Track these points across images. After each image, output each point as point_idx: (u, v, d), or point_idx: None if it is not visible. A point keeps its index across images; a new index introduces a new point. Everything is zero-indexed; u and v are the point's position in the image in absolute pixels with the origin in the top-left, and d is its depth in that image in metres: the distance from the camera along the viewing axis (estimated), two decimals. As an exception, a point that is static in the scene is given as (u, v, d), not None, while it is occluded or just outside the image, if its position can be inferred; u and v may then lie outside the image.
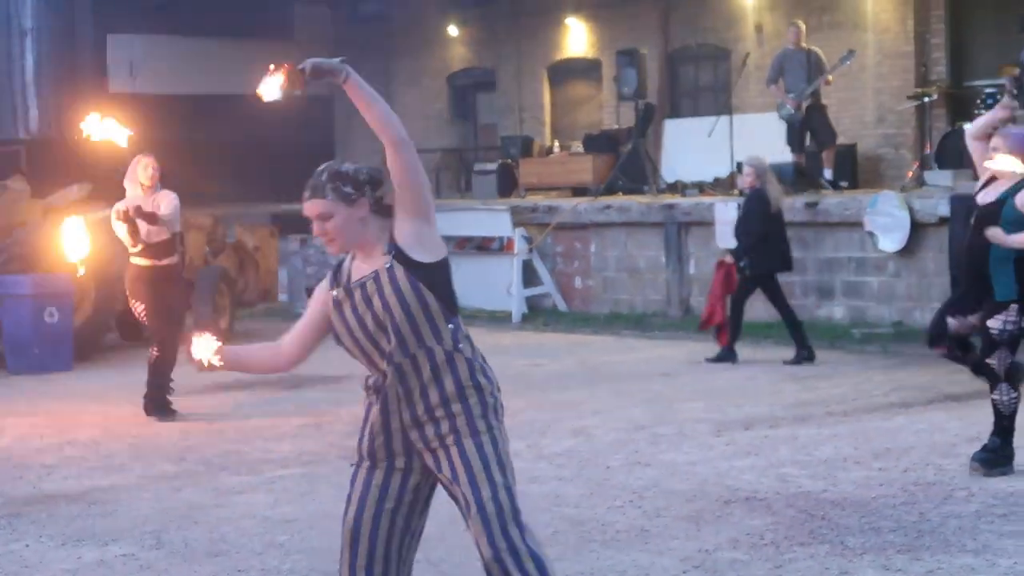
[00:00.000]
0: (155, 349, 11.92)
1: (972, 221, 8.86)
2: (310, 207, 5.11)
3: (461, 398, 5.01)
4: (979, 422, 10.17)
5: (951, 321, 8.98)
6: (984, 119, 9.25)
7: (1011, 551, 7.12)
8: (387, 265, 5.01)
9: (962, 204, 14.88)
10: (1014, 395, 8.80)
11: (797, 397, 12.10)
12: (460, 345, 5.04)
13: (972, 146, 9.24)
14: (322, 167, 5.16)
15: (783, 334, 15.82)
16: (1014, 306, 8.65)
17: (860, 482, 8.78)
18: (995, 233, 8.57)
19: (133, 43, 25.89)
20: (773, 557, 7.18)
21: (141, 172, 11.75)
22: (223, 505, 8.74)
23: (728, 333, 14.30)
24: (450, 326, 5.04)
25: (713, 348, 14.42)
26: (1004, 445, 8.89)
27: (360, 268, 5.11)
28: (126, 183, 11.82)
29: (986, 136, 9.02)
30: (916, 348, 14.51)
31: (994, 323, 8.70)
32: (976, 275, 8.83)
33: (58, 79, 24.76)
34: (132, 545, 7.86)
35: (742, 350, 14.52)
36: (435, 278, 5.02)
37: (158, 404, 11.93)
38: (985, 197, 8.82)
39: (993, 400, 8.85)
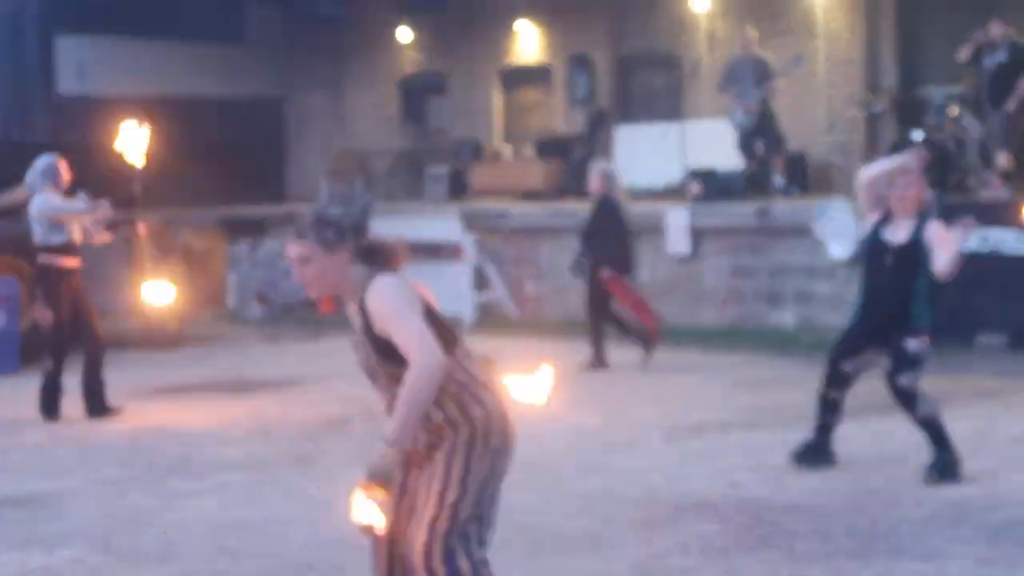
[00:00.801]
0: (50, 360, 11.97)
1: (890, 261, 8.99)
2: (291, 248, 5.12)
3: (429, 433, 5.09)
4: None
5: (847, 365, 9.25)
6: (883, 168, 9.36)
7: (960, 556, 7.18)
8: (359, 320, 5.08)
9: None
10: (931, 401, 8.98)
11: (748, 403, 12.13)
12: (447, 384, 5.07)
13: (865, 186, 9.35)
14: (311, 209, 5.22)
15: (734, 339, 15.91)
16: (926, 336, 8.96)
17: (810, 488, 8.81)
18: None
19: (83, 45, 25.71)
20: (723, 563, 7.21)
21: (65, 174, 11.90)
22: (172, 509, 8.70)
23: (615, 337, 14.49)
24: None
25: (666, 356, 14.42)
26: (947, 450, 8.98)
27: (349, 310, 5.18)
28: (50, 184, 11.83)
29: (875, 187, 9.26)
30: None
31: (913, 344, 8.92)
32: (895, 310, 9.00)
33: (5, 80, 24.62)
34: (80, 550, 7.81)
35: (693, 356, 14.58)
36: (390, 347, 5.02)
37: (97, 405, 11.93)
38: (896, 236, 8.99)
39: (918, 418, 8.96)
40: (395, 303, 4.98)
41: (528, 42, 25.15)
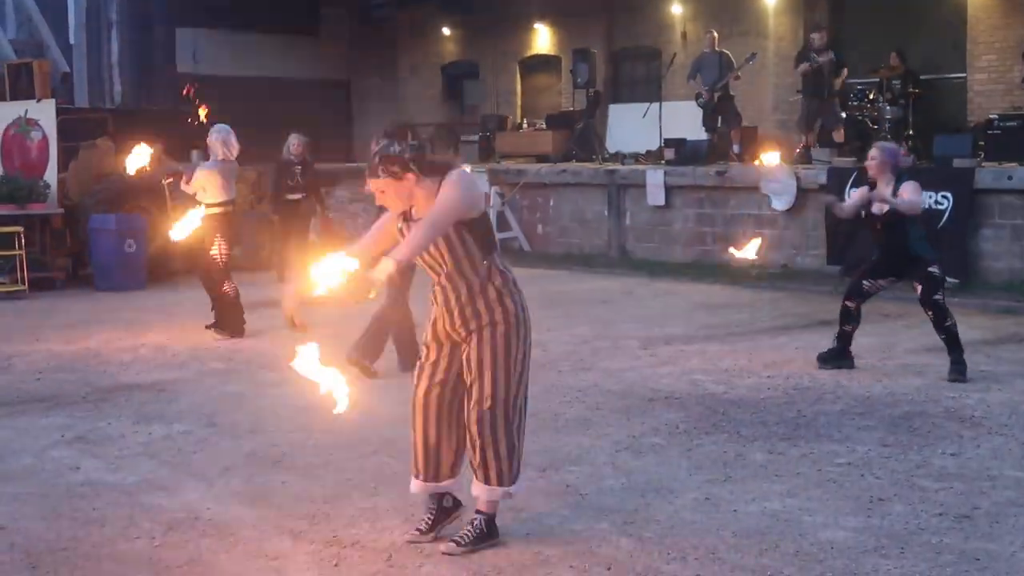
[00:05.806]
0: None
1: (879, 226, 8.98)
2: (371, 184, 5.11)
3: (489, 312, 5.10)
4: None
5: (866, 283, 9.20)
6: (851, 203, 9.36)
7: (866, 440, 7.21)
8: None
9: (837, 174, 14.95)
10: (954, 319, 8.96)
11: (706, 321, 12.14)
12: (493, 278, 5.10)
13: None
14: (375, 150, 5.09)
15: (697, 272, 15.88)
16: (936, 263, 8.93)
17: (752, 386, 8.85)
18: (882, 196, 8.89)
19: (197, 35, 25.63)
20: (685, 442, 7.25)
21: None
22: (262, 395, 8.75)
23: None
24: (484, 263, 5.09)
25: (644, 283, 14.37)
26: (961, 353, 8.95)
27: (419, 213, 5.13)
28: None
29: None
30: (798, 285, 14.62)
31: (935, 268, 8.89)
32: (898, 255, 8.97)
33: (137, 62, 24.57)
34: (191, 424, 7.89)
35: (664, 284, 14.56)
36: (473, 228, 5.07)
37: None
38: (880, 208, 8.94)
39: (947, 326, 8.91)
40: (456, 189, 5.00)
41: (542, 38, 24.98)
